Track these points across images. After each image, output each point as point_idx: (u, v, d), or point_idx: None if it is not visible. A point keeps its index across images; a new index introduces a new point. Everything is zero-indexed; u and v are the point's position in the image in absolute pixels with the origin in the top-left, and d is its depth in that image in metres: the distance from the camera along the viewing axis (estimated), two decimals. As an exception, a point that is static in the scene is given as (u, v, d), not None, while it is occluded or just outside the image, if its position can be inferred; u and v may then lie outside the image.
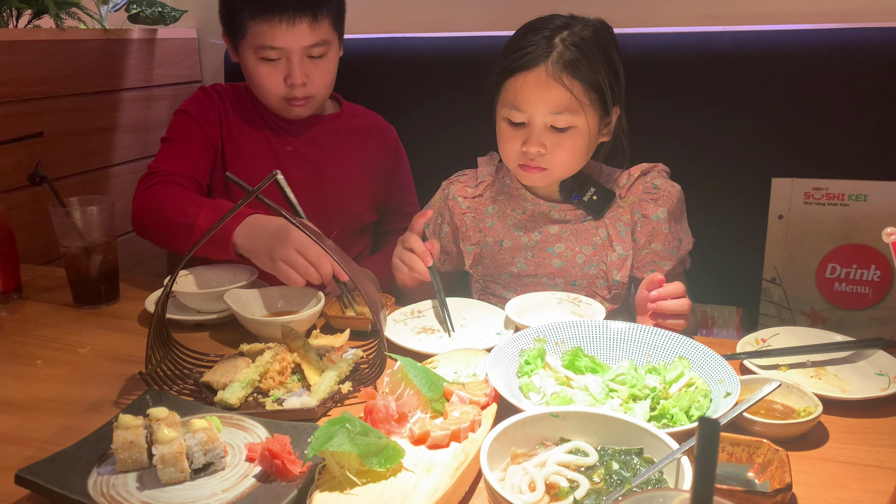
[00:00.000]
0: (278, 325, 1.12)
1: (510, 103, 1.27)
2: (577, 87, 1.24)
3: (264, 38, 1.44)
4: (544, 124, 1.26)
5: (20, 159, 1.67)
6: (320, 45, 1.47)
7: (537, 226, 1.39)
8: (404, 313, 1.27)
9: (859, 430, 0.92)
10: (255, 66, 1.50)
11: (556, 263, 1.38)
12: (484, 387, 0.92)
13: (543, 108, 1.25)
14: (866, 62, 1.61)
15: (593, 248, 1.37)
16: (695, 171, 1.74)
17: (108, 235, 1.34)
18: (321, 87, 1.53)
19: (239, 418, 0.92)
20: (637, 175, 1.37)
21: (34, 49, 1.72)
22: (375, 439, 0.79)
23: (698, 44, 1.73)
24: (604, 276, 1.36)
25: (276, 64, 1.48)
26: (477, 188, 1.45)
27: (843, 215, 1.69)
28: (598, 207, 1.36)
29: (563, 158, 1.29)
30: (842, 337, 1.11)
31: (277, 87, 1.50)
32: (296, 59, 1.47)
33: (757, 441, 0.82)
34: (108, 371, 1.12)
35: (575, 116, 1.25)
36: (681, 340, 1.03)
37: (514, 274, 1.41)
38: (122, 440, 0.81)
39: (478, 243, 1.43)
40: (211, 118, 1.58)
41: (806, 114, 1.67)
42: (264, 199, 0.97)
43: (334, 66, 1.55)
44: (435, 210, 1.49)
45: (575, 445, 0.78)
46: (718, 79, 1.71)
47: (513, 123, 1.29)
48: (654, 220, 1.34)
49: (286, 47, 1.45)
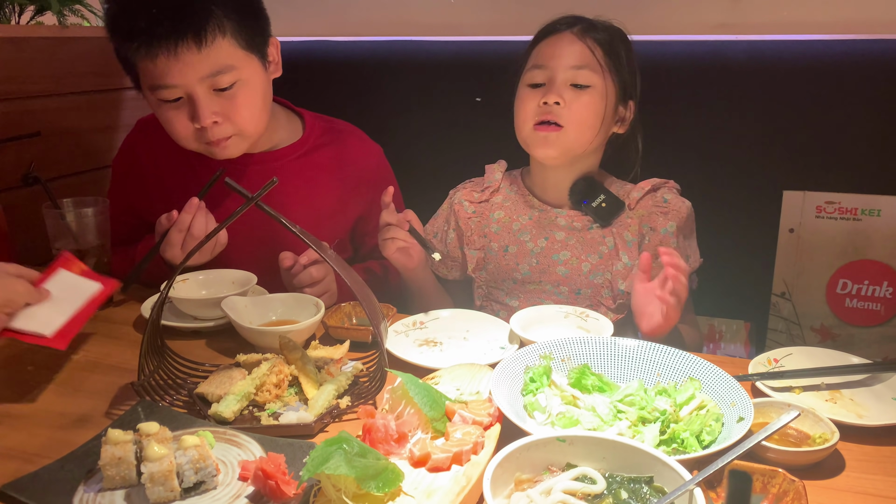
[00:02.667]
0: (276, 335, 1.09)
1: (533, 65, 1.32)
2: (599, 50, 1.30)
3: (152, 76, 1.23)
4: (565, 80, 1.29)
5: (18, 158, 1.64)
6: (222, 72, 1.23)
7: (543, 232, 1.37)
8: (406, 324, 1.23)
9: (877, 459, 0.88)
10: (158, 110, 1.29)
11: (561, 271, 1.35)
12: (487, 406, 0.89)
13: (566, 62, 1.29)
14: (882, 74, 1.58)
15: (599, 256, 1.34)
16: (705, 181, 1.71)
17: (102, 238, 1.32)
18: (244, 123, 1.29)
19: (233, 433, 0.88)
20: (648, 189, 1.36)
21: (36, 46, 1.69)
22: (374, 461, 0.75)
23: (711, 52, 1.70)
24: (609, 285, 1.34)
25: (180, 103, 1.26)
26: (483, 193, 1.43)
27: (855, 230, 1.66)
28: (607, 215, 1.34)
29: (579, 115, 1.29)
30: (858, 359, 1.07)
31: (186, 130, 1.28)
32: (198, 95, 1.23)
33: (772, 470, 0.78)
34: (101, 379, 1.08)
35: (595, 75, 1.29)
36: (692, 360, 0.99)
37: (518, 280, 1.38)
38: (111, 456, 0.78)
39: (482, 248, 1.41)
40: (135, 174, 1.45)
41: (819, 125, 1.64)
42: (264, 206, 0.94)
43: (257, 94, 1.30)
44: (442, 217, 1.48)
45: (582, 472, 0.75)
46: (731, 88, 1.68)
47: (533, 87, 1.31)
48: (662, 234, 1.32)
49: (179, 83, 1.22)
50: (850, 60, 1.61)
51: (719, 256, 1.74)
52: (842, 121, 1.62)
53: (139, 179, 1.46)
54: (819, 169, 1.66)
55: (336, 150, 1.48)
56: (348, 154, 1.49)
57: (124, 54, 1.26)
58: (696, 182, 1.67)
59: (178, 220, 1.25)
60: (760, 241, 1.70)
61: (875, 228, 1.64)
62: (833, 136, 1.64)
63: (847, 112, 1.62)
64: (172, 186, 1.42)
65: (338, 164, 1.47)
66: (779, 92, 1.65)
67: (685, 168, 1.57)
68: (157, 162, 1.44)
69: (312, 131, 1.47)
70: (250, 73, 1.28)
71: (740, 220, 1.74)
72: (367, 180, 1.50)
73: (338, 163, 1.47)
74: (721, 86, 1.69)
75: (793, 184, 1.66)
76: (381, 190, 1.36)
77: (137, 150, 1.47)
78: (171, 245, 1.27)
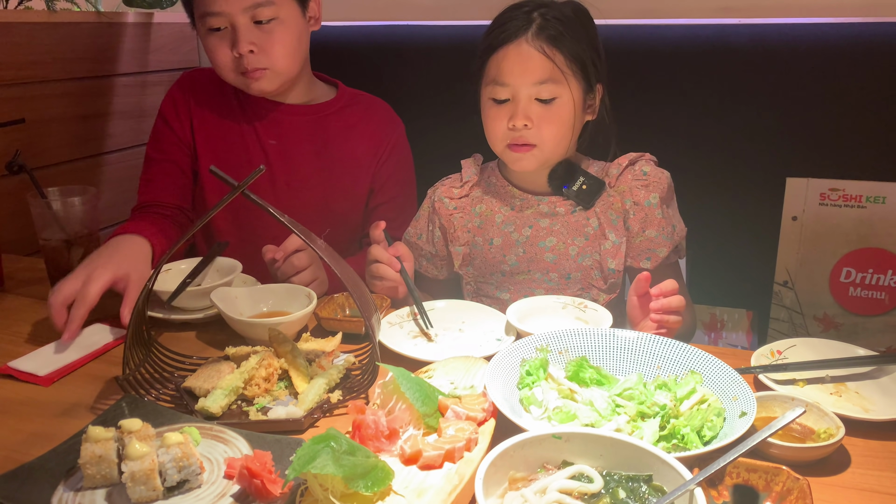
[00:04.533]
0: (266, 327, 1.06)
1: (493, 80, 1.26)
2: (559, 56, 1.23)
3: (202, 4, 1.38)
4: (529, 97, 1.24)
5: (4, 146, 1.61)
6: (263, 5, 1.37)
7: (527, 221, 1.35)
8: (401, 315, 1.21)
9: (883, 455, 0.86)
10: (205, 39, 1.43)
11: (549, 258, 1.33)
12: (482, 401, 0.86)
13: (527, 79, 1.23)
14: (888, 58, 1.55)
15: (585, 238, 1.32)
16: (706, 169, 1.69)
17: (90, 228, 1.29)
18: (277, 57, 1.42)
19: (220, 430, 0.86)
20: (626, 164, 1.34)
21: (23, 31, 1.66)
22: (363, 459, 0.73)
23: (714, 36, 1.66)
24: (598, 266, 1.32)
25: (223, 33, 1.40)
26: (463, 188, 1.41)
27: (860, 218, 1.62)
28: (588, 197, 1.32)
29: (550, 132, 1.26)
30: (864, 350, 1.04)
31: (226, 58, 1.42)
32: (240, 24, 1.38)
33: (776, 468, 0.76)
34: (87, 372, 1.06)
35: (559, 86, 1.24)
36: (692, 352, 0.96)
37: (507, 272, 1.36)
38: (91, 454, 0.75)
39: (467, 243, 1.39)
40: (182, 119, 1.54)
41: (823, 111, 1.61)
42: (250, 195, 0.91)
43: (292, 34, 1.43)
44: (424, 217, 1.44)
45: (578, 470, 0.72)
46: (733, 73, 1.65)
47: (497, 101, 1.27)
48: (646, 207, 1.30)
49: (225, 11, 1.37)
50: (855, 44, 1.57)
51: (722, 244, 1.72)
52: (846, 106, 1.59)
53: (182, 126, 1.54)
54: (823, 155, 1.63)
55: (364, 114, 1.59)
56: (374, 118, 1.60)
57: None
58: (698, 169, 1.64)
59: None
60: (763, 228, 1.68)
61: (880, 216, 1.61)
62: (838, 121, 1.60)
63: (852, 97, 1.58)
64: (215, 135, 1.54)
65: (364, 123, 1.58)
66: (782, 77, 1.61)
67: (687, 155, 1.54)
68: (203, 110, 1.55)
69: (344, 93, 1.60)
70: (288, 13, 1.42)
71: (743, 208, 1.71)
72: (385, 149, 1.58)
73: (364, 122, 1.58)
74: (723, 71, 1.65)
75: (796, 171, 1.63)
76: (396, 163, 1.58)
77: (187, 95, 1.56)
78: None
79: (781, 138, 1.64)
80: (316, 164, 1.54)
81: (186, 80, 1.58)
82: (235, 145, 1.54)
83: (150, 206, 1.49)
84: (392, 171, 1.59)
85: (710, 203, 1.67)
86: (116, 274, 1.16)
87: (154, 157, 1.54)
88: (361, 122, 1.57)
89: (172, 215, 1.50)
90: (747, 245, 1.72)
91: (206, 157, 1.53)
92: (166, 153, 1.53)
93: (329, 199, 1.56)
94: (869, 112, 1.58)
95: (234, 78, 1.46)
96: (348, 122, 1.56)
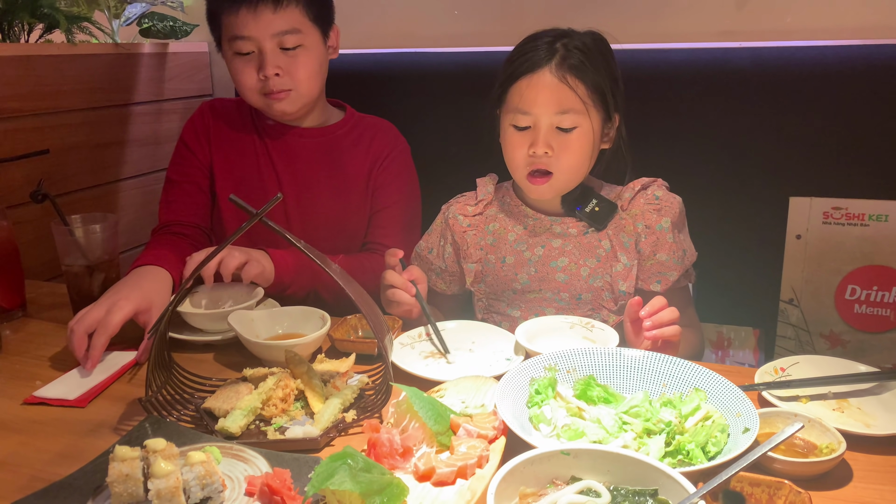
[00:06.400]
0: (282, 349, 1.10)
1: (515, 108, 1.29)
2: (581, 87, 1.26)
3: (233, 28, 1.45)
4: (550, 125, 1.27)
5: (27, 175, 1.66)
6: (290, 33, 1.45)
7: (540, 241, 1.38)
8: (412, 336, 1.24)
9: (885, 469, 0.88)
10: (232, 62, 1.50)
11: (561, 277, 1.35)
12: (492, 419, 0.89)
13: (549, 109, 1.26)
14: (887, 79, 1.57)
15: (597, 260, 1.35)
16: (711, 189, 1.71)
17: (110, 253, 1.33)
18: (301, 80, 1.49)
19: (239, 448, 0.89)
20: (638, 188, 1.37)
21: (45, 64, 1.72)
22: (378, 476, 0.76)
23: (715, 60, 1.70)
24: (609, 287, 1.34)
25: (250, 57, 1.48)
26: (477, 206, 1.44)
27: (863, 236, 1.64)
28: (601, 218, 1.35)
29: (569, 161, 1.29)
30: (865, 367, 1.06)
31: (252, 81, 1.49)
32: (267, 49, 1.45)
33: (778, 482, 0.78)
34: (110, 394, 1.10)
35: (580, 116, 1.27)
36: (697, 370, 0.99)
37: (518, 290, 1.38)
38: (118, 473, 0.78)
39: (479, 261, 1.41)
40: (202, 143, 1.60)
41: (825, 131, 1.64)
42: (268, 223, 0.95)
43: (315, 60, 1.51)
44: (437, 232, 1.47)
45: (586, 485, 0.75)
46: (736, 95, 1.68)
47: (518, 128, 1.30)
48: (657, 231, 1.32)
49: (253, 36, 1.44)
50: (854, 66, 1.60)
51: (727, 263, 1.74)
52: (847, 126, 1.62)
53: (202, 149, 1.61)
54: (826, 175, 1.66)
55: (368, 132, 1.66)
56: (377, 135, 1.66)
57: (214, 9, 1.50)
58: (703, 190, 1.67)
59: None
60: (768, 247, 1.70)
61: (883, 234, 1.63)
62: (839, 141, 1.63)
63: (852, 118, 1.61)
64: (233, 158, 1.61)
65: (368, 141, 1.64)
66: (783, 98, 1.65)
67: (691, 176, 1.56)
68: (222, 136, 1.62)
69: (352, 116, 1.67)
70: (312, 41, 1.50)
71: (747, 227, 1.73)
72: (382, 158, 1.64)
73: (368, 140, 1.64)
74: (726, 93, 1.68)
75: (799, 190, 1.65)
76: (395, 171, 1.64)
77: (207, 121, 1.63)
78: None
79: (784, 159, 1.67)
80: (328, 184, 1.60)
81: (207, 108, 1.64)
82: (251, 167, 1.60)
83: (171, 224, 1.54)
84: (391, 178, 1.63)
85: (715, 223, 1.69)
86: (140, 306, 1.21)
87: (175, 179, 1.60)
88: (366, 139, 1.64)
89: (192, 234, 1.55)
90: (753, 264, 1.74)
91: (223, 178, 1.60)
92: (187, 175, 1.59)
93: (341, 217, 1.61)
94: (869, 132, 1.60)
95: (257, 99, 1.52)
96: (355, 142, 1.63)
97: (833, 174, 1.65)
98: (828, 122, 1.63)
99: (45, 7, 1.74)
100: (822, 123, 1.63)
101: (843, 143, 1.63)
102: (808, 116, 1.64)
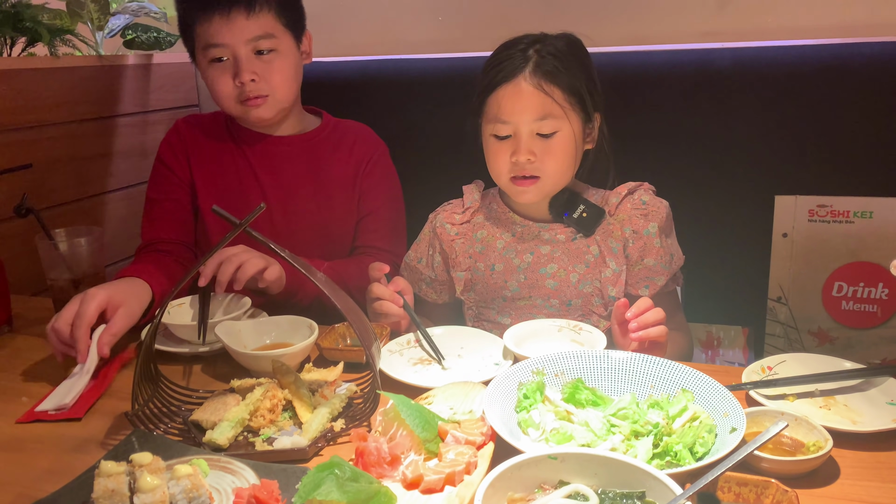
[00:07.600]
0: (270, 359, 1.09)
1: (495, 117, 1.29)
2: (557, 92, 1.27)
3: (206, 36, 1.46)
4: (530, 132, 1.28)
5: (11, 189, 1.65)
6: (264, 38, 1.45)
7: (528, 247, 1.38)
8: (400, 343, 1.24)
9: (871, 465, 0.88)
10: (207, 71, 1.50)
11: (550, 284, 1.35)
12: (480, 425, 0.89)
13: (527, 117, 1.27)
14: (868, 77, 1.59)
15: (586, 265, 1.35)
16: (697, 190, 1.72)
17: (96, 267, 1.32)
18: (277, 85, 1.50)
19: (227, 460, 0.88)
20: (625, 193, 1.37)
21: (28, 78, 1.71)
22: (366, 485, 0.75)
23: (698, 61, 1.70)
24: (599, 293, 1.34)
25: (226, 65, 1.47)
26: (464, 214, 1.44)
27: (848, 233, 1.66)
28: (589, 224, 1.35)
29: (552, 165, 1.30)
30: (851, 364, 1.07)
31: (228, 88, 1.49)
32: (242, 55, 1.45)
33: (765, 481, 0.78)
34: (97, 408, 1.09)
35: (559, 121, 1.28)
36: (684, 371, 0.99)
37: (508, 297, 1.38)
38: (104, 489, 0.77)
39: (468, 269, 1.41)
40: (181, 160, 1.60)
41: (808, 130, 1.65)
42: (252, 232, 0.94)
43: (290, 64, 1.51)
44: (425, 242, 1.47)
45: (574, 489, 0.75)
46: (719, 96, 1.69)
47: (499, 137, 1.30)
48: (645, 236, 1.33)
49: (228, 43, 1.44)
50: (837, 65, 1.61)
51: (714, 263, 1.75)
52: (831, 125, 1.63)
53: (180, 165, 1.60)
54: (810, 173, 1.67)
55: (347, 136, 1.66)
56: (357, 139, 1.66)
57: (186, 18, 1.50)
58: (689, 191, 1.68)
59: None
60: (755, 246, 1.71)
61: (868, 230, 1.64)
62: (822, 140, 1.64)
63: (835, 115, 1.62)
64: (213, 171, 1.60)
65: (348, 145, 1.64)
66: (766, 98, 1.66)
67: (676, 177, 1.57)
68: (201, 151, 1.61)
69: (329, 121, 1.67)
70: (286, 46, 1.50)
71: (734, 227, 1.74)
72: (366, 162, 1.64)
73: (348, 144, 1.64)
74: (709, 94, 1.69)
75: (784, 188, 1.66)
76: (379, 176, 1.64)
77: (184, 137, 1.62)
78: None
79: (768, 158, 1.68)
80: (309, 190, 1.60)
81: (182, 125, 1.64)
82: (232, 179, 1.59)
83: (154, 243, 1.54)
84: (375, 182, 1.63)
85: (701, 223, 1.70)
86: (112, 297, 1.21)
87: (155, 197, 1.60)
88: (345, 143, 1.64)
89: (175, 251, 1.54)
90: (740, 263, 1.75)
91: (205, 192, 1.59)
92: (167, 193, 1.58)
93: (327, 223, 1.60)
94: (853, 130, 1.62)
95: (233, 107, 1.52)
96: (335, 146, 1.63)
97: (817, 172, 1.66)
98: (811, 121, 1.64)
99: (28, 21, 1.73)
100: (805, 122, 1.64)
101: (827, 141, 1.64)
102: (791, 115, 1.65)
